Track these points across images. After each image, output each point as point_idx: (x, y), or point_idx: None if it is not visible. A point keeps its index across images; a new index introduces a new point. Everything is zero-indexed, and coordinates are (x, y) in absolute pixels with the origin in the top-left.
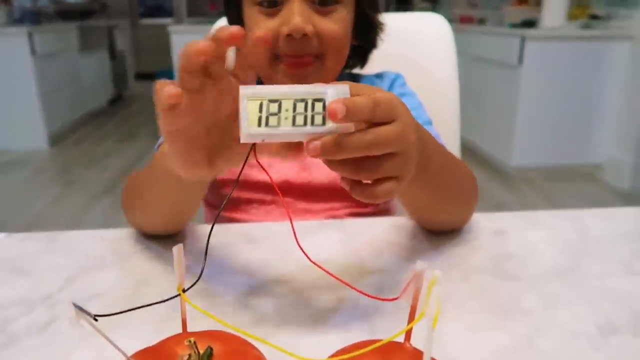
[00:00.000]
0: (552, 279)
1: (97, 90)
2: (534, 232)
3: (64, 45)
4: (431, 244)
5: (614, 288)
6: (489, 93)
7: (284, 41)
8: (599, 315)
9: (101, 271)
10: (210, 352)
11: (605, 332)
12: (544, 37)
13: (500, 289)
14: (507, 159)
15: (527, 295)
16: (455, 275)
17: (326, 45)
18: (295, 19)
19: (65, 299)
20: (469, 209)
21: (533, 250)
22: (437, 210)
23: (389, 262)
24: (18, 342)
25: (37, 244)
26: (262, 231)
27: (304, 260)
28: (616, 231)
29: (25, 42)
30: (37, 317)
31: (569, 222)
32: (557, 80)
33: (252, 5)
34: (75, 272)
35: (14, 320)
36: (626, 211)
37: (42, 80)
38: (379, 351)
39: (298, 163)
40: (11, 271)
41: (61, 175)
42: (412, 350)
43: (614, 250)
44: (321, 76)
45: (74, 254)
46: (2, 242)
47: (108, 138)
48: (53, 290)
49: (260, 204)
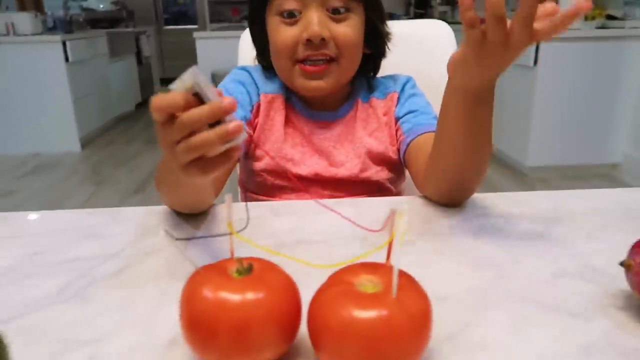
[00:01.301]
0: (522, 241)
1: (125, 94)
2: (515, 208)
3: (94, 52)
4: (424, 216)
5: (573, 247)
6: (505, 94)
7: (303, 46)
8: (553, 265)
9: (154, 236)
10: (250, 267)
11: (556, 276)
12: (559, 38)
13: (477, 248)
14: (523, 159)
15: (498, 251)
16: (441, 239)
17: (341, 48)
18: (314, 26)
19: (129, 255)
20: (481, 177)
21: (509, 220)
22: (474, 158)
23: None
24: (97, 282)
25: (101, 217)
26: (286, 207)
27: (319, 226)
28: (587, 207)
29: (59, 49)
30: (109, 266)
31: (546, 199)
32: (572, 81)
33: (274, 15)
34: (134, 238)
35: (93, 268)
36: (602, 192)
37: (75, 86)
38: (366, 266)
39: (327, 161)
40: (85, 236)
41: (93, 176)
42: (389, 266)
43: (582, 221)
44: (337, 75)
45: (131, 224)
46: (73, 216)
47: (136, 140)
48: (118, 249)
49: (292, 191)
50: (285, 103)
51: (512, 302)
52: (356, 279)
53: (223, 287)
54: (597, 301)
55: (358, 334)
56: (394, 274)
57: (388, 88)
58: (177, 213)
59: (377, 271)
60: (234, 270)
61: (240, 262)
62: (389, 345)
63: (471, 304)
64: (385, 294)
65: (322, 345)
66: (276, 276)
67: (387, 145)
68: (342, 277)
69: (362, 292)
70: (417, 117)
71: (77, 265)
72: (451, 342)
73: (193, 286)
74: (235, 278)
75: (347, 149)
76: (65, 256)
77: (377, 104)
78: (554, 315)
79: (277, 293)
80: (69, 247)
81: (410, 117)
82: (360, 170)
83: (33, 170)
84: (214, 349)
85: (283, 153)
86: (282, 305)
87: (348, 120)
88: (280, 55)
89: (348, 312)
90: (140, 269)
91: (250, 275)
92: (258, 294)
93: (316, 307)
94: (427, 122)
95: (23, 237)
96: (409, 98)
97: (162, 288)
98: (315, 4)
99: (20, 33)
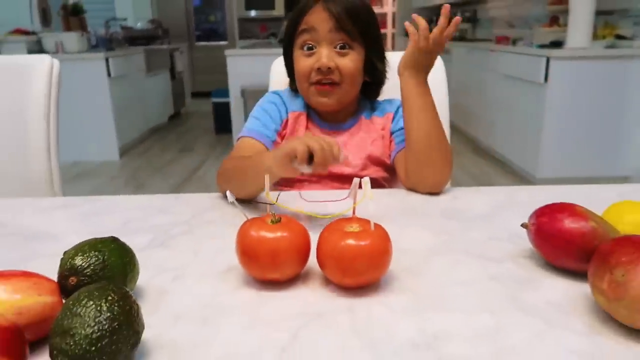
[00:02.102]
0: (475, 219)
1: (160, 107)
2: (477, 197)
3: (132, 68)
4: (405, 202)
5: (510, 223)
6: (518, 108)
7: (315, 72)
8: (491, 233)
9: (211, 211)
10: (279, 219)
11: (490, 239)
12: (569, 56)
13: (439, 222)
14: (533, 171)
15: (454, 223)
16: (414, 215)
17: (343, 75)
18: (323, 59)
19: (193, 224)
20: (448, 169)
21: (470, 205)
22: (434, 147)
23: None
24: (175, 237)
25: (167, 200)
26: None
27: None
28: (536, 200)
29: (102, 65)
30: (181, 228)
31: (502, 193)
32: (581, 97)
33: (298, 49)
34: (195, 212)
35: (170, 229)
36: (544, 188)
37: (115, 100)
38: (351, 219)
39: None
40: (158, 211)
41: (131, 182)
42: (357, 218)
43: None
44: (339, 95)
45: (191, 205)
46: (145, 198)
47: (169, 149)
48: (185, 219)
49: (309, 182)
50: (307, 118)
51: (453, 254)
52: (344, 225)
53: (262, 229)
54: (510, 252)
55: (348, 254)
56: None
57: (386, 109)
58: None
59: (358, 221)
60: (269, 220)
61: (273, 216)
62: (366, 261)
63: (423, 253)
64: (363, 233)
65: (326, 264)
66: (294, 224)
67: (382, 152)
68: (336, 224)
69: (349, 231)
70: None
71: (158, 229)
72: (407, 271)
73: (244, 229)
74: (270, 225)
75: (352, 152)
76: (148, 224)
77: (377, 121)
78: (479, 260)
79: (294, 233)
80: (150, 218)
81: (399, 133)
82: (362, 169)
83: (76, 177)
84: (256, 267)
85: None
86: (298, 240)
87: (353, 131)
88: (301, 79)
89: (342, 241)
90: (206, 224)
91: (279, 223)
92: (284, 233)
93: (322, 240)
94: None
95: (111, 213)
96: (400, 117)
97: (220, 231)
98: (325, 42)
99: (68, 51)
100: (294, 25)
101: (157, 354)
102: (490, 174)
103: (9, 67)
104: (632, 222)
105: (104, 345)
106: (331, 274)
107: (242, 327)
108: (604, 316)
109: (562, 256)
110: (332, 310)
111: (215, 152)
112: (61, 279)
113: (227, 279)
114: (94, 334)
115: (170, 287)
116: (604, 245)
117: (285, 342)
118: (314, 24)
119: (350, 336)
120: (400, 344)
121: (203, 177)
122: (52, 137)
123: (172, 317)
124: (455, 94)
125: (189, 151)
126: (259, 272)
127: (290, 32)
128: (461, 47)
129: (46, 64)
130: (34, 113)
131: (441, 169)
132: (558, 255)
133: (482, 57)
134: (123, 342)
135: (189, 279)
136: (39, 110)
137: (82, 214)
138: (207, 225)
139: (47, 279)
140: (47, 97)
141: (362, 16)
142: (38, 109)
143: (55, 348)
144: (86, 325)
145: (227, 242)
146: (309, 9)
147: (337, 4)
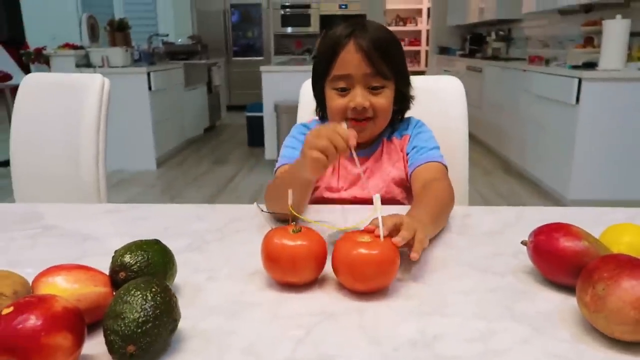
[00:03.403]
0: (483, 235)
1: (196, 120)
2: (489, 216)
3: (172, 82)
4: None
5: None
6: (550, 129)
7: (351, 110)
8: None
9: (242, 221)
10: (300, 229)
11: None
12: (601, 78)
13: (452, 239)
14: (565, 192)
15: (463, 239)
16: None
17: (377, 112)
18: (358, 98)
19: (226, 231)
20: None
21: (481, 223)
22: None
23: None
24: (209, 242)
25: (203, 209)
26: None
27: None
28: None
29: (144, 79)
30: (214, 235)
31: (513, 212)
32: (614, 119)
33: (331, 89)
34: (228, 221)
35: (205, 235)
36: (556, 209)
37: (155, 112)
38: (363, 231)
39: (361, 187)
40: (195, 219)
41: (167, 191)
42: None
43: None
44: (372, 130)
45: (225, 215)
46: (183, 207)
47: (204, 161)
48: (219, 227)
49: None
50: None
51: (458, 267)
52: (357, 236)
53: (284, 238)
54: (512, 267)
55: (359, 262)
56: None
57: (404, 131)
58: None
59: (369, 233)
60: (291, 230)
61: (295, 226)
62: (375, 268)
63: (431, 264)
64: (373, 243)
65: (339, 270)
66: (313, 234)
67: (402, 172)
68: (349, 235)
69: (361, 241)
70: (418, 152)
71: (195, 234)
72: (414, 279)
73: (269, 237)
74: (291, 234)
75: (376, 177)
76: (186, 230)
77: (396, 142)
78: (482, 273)
79: (313, 242)
80: (187, 225)
81: (413, 152)
82: (386, 192)
83: (115, 185)
84: (278, 271)
85: (330, 185)
86: (316, 248)
87: (377, 155)
88: (335, 116)
89: (355, 250)
90: (236, 232)
91: (299, 233)
92: (303, 242)
93: (337, 249)
94: (425, 154)
95: (154, 218)
96: (415, 136)
97: (249, 238)
98: (359, 85)
99: (113, 65)
100: (325, 63)
101: (191, 340)
102: (521, 194)
103: (66, 84)
104: (627, 243)
105: (148, 329)
106: (344, 279)
107: (264, 322)
108: (588, 327)
109: (556, 271)
110: (343, 311)
111: (249, 164)
112: (112, 273)
113: (252, 281)
114: (140, 318)
115: (204, 285)
116: (592, 262)
117: (301, 336)
118: (349, 71)
119: (357, 333)
120: (401, 342)
121: (236, 188)
122: (100, 148)
123: (205, 311)
124: (488, 113)
125: (223, 163)
126: (280, 276)
127: (321, 70)
128: (494, 66)
129: (98, 82)
130: (86, 125)
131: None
132: (552, 270)
133: (515, 76)
134: (163, 327)
135: (220, 279)
136: (91, 123)
137: (127, 219)
138: (237, 233)
139: (101, 272)
140: (98, 111)
141: (391, 50)
142: (90, 122)
143: (109, 328)
144: (134, 311)
145: (254, 249)
146: (342, 48)
147: (367, 40)
